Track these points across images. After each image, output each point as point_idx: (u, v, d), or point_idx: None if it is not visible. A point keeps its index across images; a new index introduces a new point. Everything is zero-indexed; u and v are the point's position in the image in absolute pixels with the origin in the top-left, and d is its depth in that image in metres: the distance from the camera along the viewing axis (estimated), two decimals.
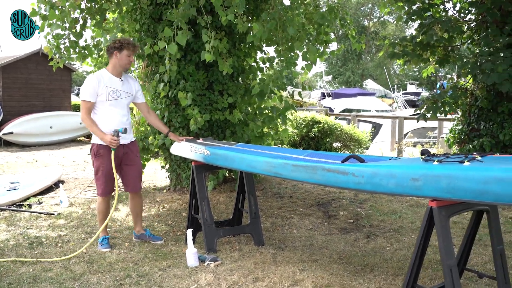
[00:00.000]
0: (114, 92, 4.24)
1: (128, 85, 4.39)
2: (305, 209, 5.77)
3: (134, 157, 4.47)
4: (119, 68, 4.27)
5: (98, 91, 4.16)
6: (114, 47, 4.23)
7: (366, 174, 2.78)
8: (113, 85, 4.25)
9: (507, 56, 5.87)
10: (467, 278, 3.57)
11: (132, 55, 4.29)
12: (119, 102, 4.29)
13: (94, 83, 4.16)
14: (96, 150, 4.29)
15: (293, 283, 3.48)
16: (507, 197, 2.23)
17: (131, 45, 4.27)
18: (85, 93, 4.18)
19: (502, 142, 6.77)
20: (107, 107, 4.22)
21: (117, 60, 4.24)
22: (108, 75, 4.26)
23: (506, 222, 5.13)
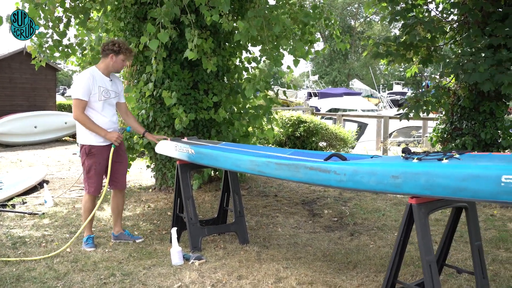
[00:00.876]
0: (106, 92, 4.25)
1: (115, 85, 4.42)
2: (290, 207, 5.81)
3: (123, 154, 4.52)
4: (111, 69, 4.30)
5: (92, 89, 4.15)
6: (112, 49, 4.22)
7: (347, 172, 2.81)
8: (104, 84, 4.26)
9: (488, 56, 5.96)
10: (447, 274, 3.63)
11: (126, 60, 4.33)
12: (109, 102, 4.31)
13: (89, 81, 4.14)
14: (88, 149, 4.26)
15: (276, 280, 3.51)
16: (484, 193, 2.27)
17: (129, 51, 4.30)
18: (78, 91, 4.12)
19: (484, 141, 6.88)
20: (99, 107, 4.22)
21: (112, 63, 4.25)
22: (100, 74, 4.26)
23: (487, 219, 5.22)
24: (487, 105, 6.83)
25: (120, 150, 4.45)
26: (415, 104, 6.56)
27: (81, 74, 4.32)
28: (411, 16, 6.78)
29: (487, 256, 4.05)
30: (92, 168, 4.29)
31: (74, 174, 8.59)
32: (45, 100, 15.09)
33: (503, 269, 3.74)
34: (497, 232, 4.77)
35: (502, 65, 5.86)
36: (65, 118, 14.06)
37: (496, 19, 6.31)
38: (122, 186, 4.57)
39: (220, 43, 6.20)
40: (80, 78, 4.23)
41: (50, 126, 13.73)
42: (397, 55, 6.78)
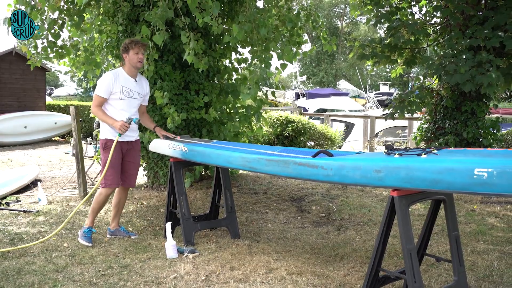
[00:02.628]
0: (128, 92, 4.42)
1: (141, 86, 4.57)
2: (279, 204, 6.00)
3: (136, 155, 4.67)
4: (132, 68, 4.43)
5: (112, 88, 4.34)
6: (122, 50, 4.43)
7: (334, 167, 3.01)
8: (128, 85, 4.42)
9: (469, 58, 6.22)
10: (429, 265, 3.85)
11: (140, 52, 4.39)
12: (131, 101, 4.47)
13: (110, 81, 4.33)
14: (104, 143, 4.47)
15: (267, 271, 3.69)
16: (458, 185, 2.48)
17: (135, 43, 4.39)
18: (99, 89, 4.34)
19: (466, 140, 7.15)
20: (119, 105, 4.40)
21: (128, 61, 4.41)
22: (124, 75, 4.44)
23: (467, 214, 5.46)
24: (469, 105, 7.09)
25: (133, 150, 4.61)
26: (400, 105, 6.80)
27: (107, 73, 4.49)
28: (396, 19, 7.03)
29: (467, 248, 4.28)
30: (110, 163, 4.39)
31: (66, 174, 8.70)
32: (34, 101, 15.11)
33: (480, 259, 3.96)
34: (477, 226, 5.00)
35: (482, 66, 6.11)
36: (55, 118, 14.11)
37: (476, 22, 6.57)
38: (129, 184, 4.71)
39: (211, 45, 6.37)
40: (103, 76, 4.42)
41: (40, 126, 13.77)
42: (382, 56, 7.02)
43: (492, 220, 5.21)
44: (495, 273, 3.67)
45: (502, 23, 6.20)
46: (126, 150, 4.55)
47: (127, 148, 4.55)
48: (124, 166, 4.58)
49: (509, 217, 5.32)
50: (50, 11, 5.01)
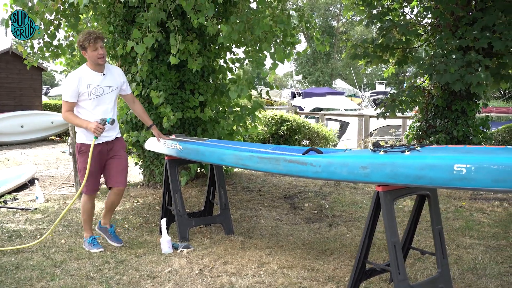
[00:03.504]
0: (97, 89, 4.09)
1: (112, 78, 4.23)
2: (272, 201, 6.12)
3: (119, 151, 4.30)
4: (94, 64, 4.10)
5: (79, 90, 4.02)
6: (79, 47, 4.10)
7: (322, 163, 3.13)
8: (95, 81, 4.08)
9: (458, 58, 6.35)
10: (416, 258, 3.98)
11: (98, 47, 4.01)
12: (102, 98, 4.14)
13: (75, 83, 4.02)
14: (79, 147, 4.20)
15: (259, 265, 3.81)
16: (439, 180, 2.60)
17: (89, 39, 3.99)
18: (65, 94, 4.06)
19: (456, 138, 7.28)
20: (90, 105, 4.10)
21: (89, 59, 4.09)
22: (89, 71, 4.10)
23: (456, 211, 5.59)
24: (459, 104, 7.23)
25: (115, 147, 4.27)
26: (391, 104, 6.92)
27: (70, 74, 4.17)
28: (387, 20, 7.15)
29: (453, 243, 4.41)
30: (82, 167, 4.16)
31: (63, 172, 8.79)
32: (31, 100, 15.18)
33: (466, 253, 4.09)
34: (464, 221, 5.13)
35: (471, 66, 6.24)
36: (51, 118, 14.18)
37: (466, 23, 6.70)
38: (117, 183, 4.28)
39: (206, 45, 6.47)
40: (66, 80, 4.14)
41: (37, 125, 13.84)
42: (374, 56, 7.15)
43: (480, 216, 5.34)
44: (479, 266, 3.80)
45: (490, 24, 6.33)
46: (107, 151, 4.23)
47: (108, 149, 4.23)
48: (108, 166, 4.27)
49: (496, 213, 5.46)
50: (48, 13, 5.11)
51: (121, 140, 4.39)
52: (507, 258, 3.98)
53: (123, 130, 6.47)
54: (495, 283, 3.45)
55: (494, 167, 2.42)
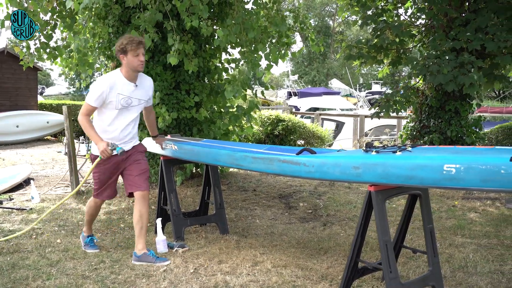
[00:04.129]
0: (126, 100, 3.87)
1: (143, 90, 4.01)
2: (267, 201, 6.17)
3: (137, 156, 4.08)
4: (131, 72, 3.86)
5: (107, 98, 3.79)
6: (118, 50, 3.84)
7: (315, 164, 3.18)
8: (126, 91, 3.86)
9: (451, 59, 6.42)
10: (408, 257, 4.04)
11: (140, 53, 3.80)
12: (129, 110, 3.94)
13: (105, 89, 3.77)
14: (93, 158, 4.03)
15: (253, 264, 3.85)
16: (429, 180, 2.65)
17: (133, 43, 3.77)
18: (91, 96, 3.80)
19: (450, 138, 7.35)
20: (113, 115, 3.89)
21: (126, 65, 3.83)
22: (122, 79, 3.85)
23: (449, 210, 5.65)
24: (452, 104, 7.30)
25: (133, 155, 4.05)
26: (385, 104, 6.98)
27: (101, 78, 3.89)
28: (381, 21, 7.20)
29: (445, 241, 4.47)
30: (96, 177, 4.08)
31: (59, 172, 8.80)
32: (27, 100, 15.17)
33: (458, 252, 4.15)
34: (457, 220, 5.19)
35: (464, 67, 6.31)
36: (47, 118, 14.17)
37: (459, 24, 6.77)
38: (138, 188, 3.99)
39: (201, 45, 6.51)
40: (98, 83, 3.84)
41: (32, 125, 13.83)
42: (368, 57, 7.21)
43: (472, 215, 5.40)
44: (470, 264, 3.85)
45: (483, 26, 6.40)
46: (125, 159, 4.01)
47: (122, 159, 4.01)
48: (126, 173, 4.05)
49: (488, 212, 5.52)
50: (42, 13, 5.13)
51: (139, 146, 4.16)
52: (498, 257, 4.04)
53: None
54: (485, 281, 3.51)
55: (482, 167, 2.47)
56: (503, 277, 3.59)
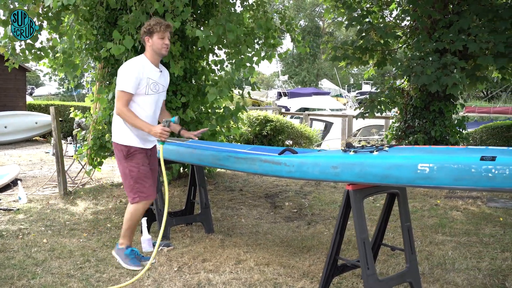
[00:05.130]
0: (155, 85, 3.69)
1: (164, 78, 3.87)
2: (253, 200, 6.23)
3: (155, 160, 3.98)
4: (155, 55, 3.69)
5: (139, 81, 3.59)
6: (144, 32, 3.65)
7: (295, 163, 3.25)
8: (154, 76, 3.69)
9: (435, 60, 6.52)
10: (389, 255, 4.12)
11: (166, 36, 3.65)
12: (158, 96, 3.77)
13: (137, 71, 3.58)
14: (127, 151, 3.70)
15: (237, 262, 3.92)
16: (404, 179, 2.74)
17: (160, 25, 3.62)
18: (124, 83, 3.56)
19: (434, 138, 7.46)
20: (142, 102, 3.67)
21: (151, 46, 3.65)
22: (149, 64, 3.67)
23: (431, 208, 5.75)
24: (436, 104, 7.41)
25: (154, 156, 3.95)
26: (370, 104, 7.07)
27: (129, 62, 3.66)
28: (366, 22, 7.30)
29: (426, 239, 4.56)
30: (134, 172, 3.72)
31: (47, 173, 8.80)
32: (15, 101, 15.10)
33: (437, 250, 4.25)
34: (439, 219, 5.29)
35: (447, 68, 6.42)
36: (35, 118, 14.12)
37: (442, 25, 6.88)
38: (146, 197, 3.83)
39: (188, 47, 6.56)
40: (127, 66, 3.62)
41: (21, 126, 13.79)
42: (354, 58, 7.30)
43: (454, 214, 5.51)
44: (448, 261, 3.95)
45: (465, 27, 6.51)
46: (148, 157, 3.85)
47: (149, 154, 3.86)
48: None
49: (469, 210, 5.63)
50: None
51: (154, 147, 3.99)
52: (475, 254, 4.14)
53: (106, 131, 6.53)
54: (462, 277, 3.60)
55: (454, 166, 2.56)
56: (480, 273, 3.69)
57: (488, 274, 3.67)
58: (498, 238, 4.61)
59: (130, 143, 3.70)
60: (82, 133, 7.03)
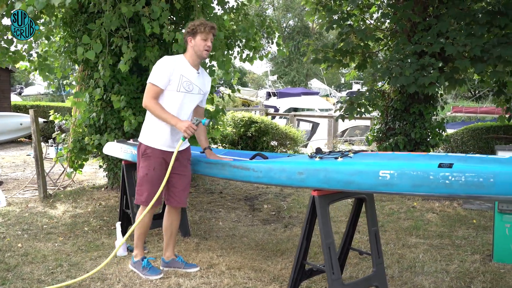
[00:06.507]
0: (188, 85, 3.59)
1: (203, 81, 3.74)
2: (232, 203, 6.26)
3: (186, 165, 3.82)
4: (195, 56, 3.61)
5: (171, 76, 3.52)
6: (187, 32, 3.61)
7: (263, 169, 3.28)
8: (189, 75, 3.60)
9: (413, 62, 6.58)
10: (361, 258, 4.17)
11: (209, 39, 3.58)
12: (191, 97, 3.64)
13: (170, 66, 3.52)
14: (143, 150, 3.67)
15: (209, 266, 3.95)
16: (366, 185, 2.77)
17: (207, 27, 3.56)
18: (155, 76, 3.52)
19: (414, 140, 7.52)
20: (173, 99, 3.57)
21: (192, 47, 3.59)
22: (185, 63, 3.61)
23: (408, 211, 5.81)
24: (416, 107, 7.47)
25: (183, 159, 3.76)
26: (350, 106, 7.12)
27: (164, 58, 3.64)
28: (346, 25, 7.35)
29: (399, 242, 4.62)
30: (144, 173, 3.66)
31: (29, 175, 8.77)
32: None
33: (409, 252, 4.30)
34: (414, 221, 5.35)
35: (425, 69, 6.48)
36: (20, 119, 14.03)
37: (422, 29, 6.94)
38: (178, 203, 3.82)
39: (168, 50, 6.56)
40: (161, 61, 3.60)
41: (5, 127, 13.69)
42: (334, 60, 7.34)
43: (429, 216, 5.57)
44: (418, 264, 4.00)
45: (444, 30, 6.57)
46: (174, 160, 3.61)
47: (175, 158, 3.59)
48: (171, 181, 3.72)
49: (445, 212, 5.70)
50: None
51: (189, 150, 3.87)
52: (446, 256, 4.20)
53: (86, 133, 6.52)
54: (429, 280, 3.66)
55: (413, 173, 2.60)
56: (447, 276, 3.75)
57: (455, 277, 3.73)
58: (470, 240, 4.68)
59: (148, 143, 3.65)
60: (62, 136, 7.01)
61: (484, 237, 4.73)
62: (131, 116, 5.95)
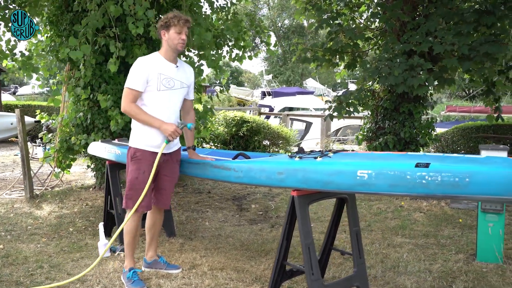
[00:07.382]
0: (168, 81, 3.48)
1: (184, 74, 3.63)
2: (220, 203, 6.23)
3: (175, 168, 3.74)
4: (170, 51, 3.50)
5: (148, 77, 3.40)
6: (161, 26, 3.49)
7: (243, 169, 3.25)
8: (167, 72, 3.48)
9: (402, 62, 6.55)
10: (345, 258, 4.14)
11: (183, 32, 3.46)
12: (173, 93, 3.53)
13: (144, 68, 3.40)
14: (132, 153, 3.56)
15: (191, 267, 3.91)
16: (344, 185, 2.75)
17: (181, 20, 3.44)
18: (131, 80, 3.41)
19: (404, 139, 7.51)
20: (156, 99, 3.46)
21: (166, 41, 3.48)
22: (161, 59, 3.50)
23: (395, 210, 5.80)
24: (406, 106, 7.46)
25: (171, 162, 3.68)
26: (338, 106, 7.09)
27: (138, 59, 3.50)
28: (336, 24, 7.32)
29: (385, 242, 4.60)
30: (133, 177, 3.53)
31: (18, 175, 8.71)
32: None
33: (394, 252, 4.28)
34: (401, 221, 5.33)
35: (414, 69, 6.45)
36: (10, 119, 13.92)
37: (411, 28, 6.92)
38: (164, 205, 3.79)
39: (155, 48, 6.52)
40: (135, 63, 3.46)
41: None
42: (323, 60, 7.31)
43: (416, 215, 5.55)
44: (402, 264, 3.98)
45: (432, 30, 6.55)
46: (163, 162, 3.60)
47: (164, 159, 3.59)
48: (160, 183, 3.67)
49: (432, 212, 5.68)
50: None
51: (179, 152, 3.79)
52: (430, 256, 4.18)
53: (73, 133, 6.48)
54: (412, 280, 3.64)
55: (391, 172, 2.58)
56: (430, 276, 3.73)
57: (438, 277, 3.71)
58: (455, 239, 4.66)
59: (137, 145, 3.53)
60: (48, 136, 6.96)
61: (469, 236, 4.72)
62: (118, 116, 5.91)
